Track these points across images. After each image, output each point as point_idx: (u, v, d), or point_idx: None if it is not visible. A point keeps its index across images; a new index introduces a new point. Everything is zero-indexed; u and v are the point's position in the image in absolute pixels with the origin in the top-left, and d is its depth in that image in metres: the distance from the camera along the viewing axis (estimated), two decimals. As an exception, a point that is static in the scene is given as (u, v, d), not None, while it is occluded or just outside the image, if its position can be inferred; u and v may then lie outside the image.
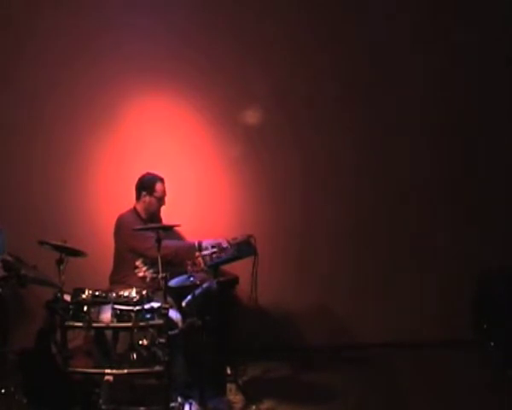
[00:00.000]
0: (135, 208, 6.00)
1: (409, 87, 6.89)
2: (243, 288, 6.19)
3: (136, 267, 5.83)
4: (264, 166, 6.88)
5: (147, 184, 5.99)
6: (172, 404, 5.15)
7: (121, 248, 5.88)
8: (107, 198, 6.65)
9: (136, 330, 5.13)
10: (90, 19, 6.68)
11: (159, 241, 5.33)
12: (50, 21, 6.65)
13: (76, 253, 5.30)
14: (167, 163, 6.66)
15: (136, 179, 6.06)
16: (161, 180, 6.01)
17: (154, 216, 5.99)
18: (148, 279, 5.74)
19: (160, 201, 6.01)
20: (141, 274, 5.80)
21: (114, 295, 5.23)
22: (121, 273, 5.84)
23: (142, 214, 5.97)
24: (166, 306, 5.13)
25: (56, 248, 5.20)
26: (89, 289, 5.21)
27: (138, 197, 6.00)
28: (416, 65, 6.88)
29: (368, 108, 6.90)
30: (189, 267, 5.64)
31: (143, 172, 6.10)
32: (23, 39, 6.63)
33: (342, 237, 6.92)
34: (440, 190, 6.96)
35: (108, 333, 5.26)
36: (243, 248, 5.89)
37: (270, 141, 6.88)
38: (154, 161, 6.60)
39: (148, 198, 5.97)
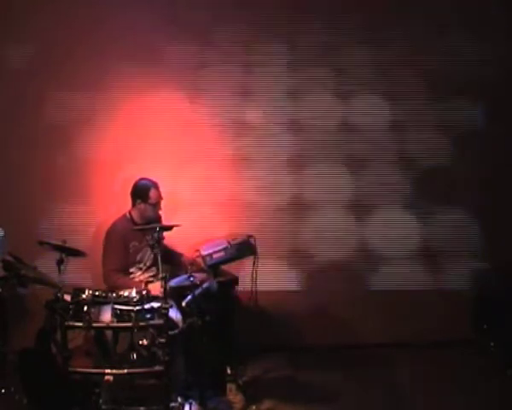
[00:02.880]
0: (130, 214, 5.94)
1: (410, 86, 6.89)
2: (243, 288, 6.18)
3: (131, 273, 5.84)
4: (266, 166, 6.88)
5: (141, 192, 5.89)
6: (172, 404, 5.15)
7: None
8: (108, 198, 6.64)
9: (136, 330, 5.13)
10: (89, 12, 6.66)
11: (158, 240, 5.39)
12: (49, 16, 6.65)
13: (76, 253, 5.31)
14: (168, 163, 6.68)
15: (134, 181, 5.99)
16: (155, 186, 5.91)
17: (151, 220, 5.89)
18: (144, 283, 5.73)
19: (156, 206, 5.93)
20: (137, 280, 5.80)
21: (114, 295, 5.23)
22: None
23: (138, 221, 5.90)
24: (166, 306, 5.13)
25: (56, 248, 5.21)
26: (89, 289, 5.21)
27: (133, 204, 5.93)
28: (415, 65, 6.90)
29: (370, 106, 6.90)
30: (188, 267, 5.65)
31: (143, 172, 6.09)
32: (21, 33, 6.62)
33: (342, 236, 6.92)
34: (441, 189, 6.96)
35: (108, 333, 5.26)
36: (243, 248, 5.90)
37: (272, 141, 6.88)
38: (154, 161, 6.61)
39: (143, 206, 5.88)
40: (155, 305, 5.20)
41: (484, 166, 6.92)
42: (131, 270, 5.84)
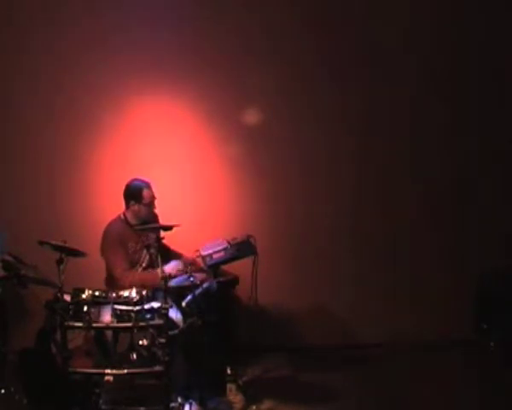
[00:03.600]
0: (124, 216, 5.92)
1: (412, 87, 6.88)
2: (243, 288, 6.18)
3: None
4: (264, 166, 6.88)
5: (134, 193, 5.87)
6: (172, 404, 5.15)
7: None
8: (108, 198, 6.62)
9: (136, 331, 5.13)
10: (92, 21, 6.66)
11: (157, 240, 5.42)
12: (52, 22, 6.64)
13: (76, 253, 5.30)
14: (168, 163, 6.68)
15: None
16: (148, 186, 5.89)
17: (146, 221, 5.87)
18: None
19: (150, 206, 5.90)
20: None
21: (114, 295, 5.23)
22: (114, 281, 5.81)
23: (132, 222, 5.88)
24: (166, 306, 5.13)
25: (56, 248, 5.20)
26: (89, 289, 5.21)
27: (127, 206, 5.91)
28: (414, 65, 6.89)
29: (370, 106, 6.89)
30: (188, 267, 5.65)
31: (144, 173, 6.08)
32: (25, 41, 6.62)
33: (342, 236, 6.91)
34: (441, 190, 6.96)
35: (108, 333, 5.26)
36: (243, 248, 5.89)
37: (270, 141, 6.88)
38: (155, 162, 6.62)
39: (137, 207, 5.85)
40: (155, 305, 5.20)
41: (486, 166, 6.92)
42: None
